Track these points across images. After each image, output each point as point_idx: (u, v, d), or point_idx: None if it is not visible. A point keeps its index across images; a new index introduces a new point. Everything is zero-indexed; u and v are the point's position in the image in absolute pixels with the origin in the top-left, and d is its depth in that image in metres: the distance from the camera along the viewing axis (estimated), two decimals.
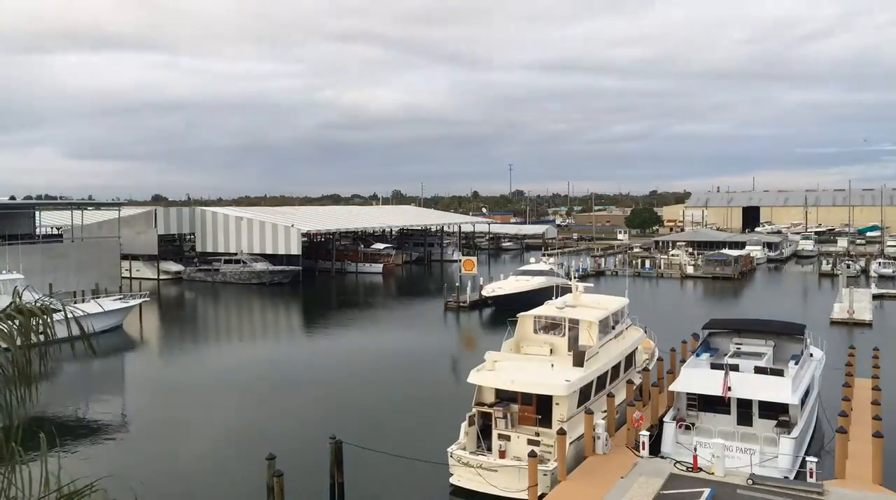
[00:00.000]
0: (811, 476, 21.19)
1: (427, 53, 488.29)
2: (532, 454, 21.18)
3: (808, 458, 21.93)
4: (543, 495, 21.03)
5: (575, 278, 38.31)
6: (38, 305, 6.24)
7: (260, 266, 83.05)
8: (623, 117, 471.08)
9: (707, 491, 20.61)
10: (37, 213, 76.18)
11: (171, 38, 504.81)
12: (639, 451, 23.73)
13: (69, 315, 6.43)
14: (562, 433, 22.24)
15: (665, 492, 20.78)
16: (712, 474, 21.91)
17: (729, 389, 23.82)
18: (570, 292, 32.64)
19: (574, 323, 28.52)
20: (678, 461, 22.74)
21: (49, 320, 6.30)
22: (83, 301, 51.79)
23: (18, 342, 6.06)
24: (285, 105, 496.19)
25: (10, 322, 6.19)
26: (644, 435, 23.80)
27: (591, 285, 36.48)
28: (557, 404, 23.76)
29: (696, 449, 22.67)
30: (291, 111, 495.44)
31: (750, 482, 21.24)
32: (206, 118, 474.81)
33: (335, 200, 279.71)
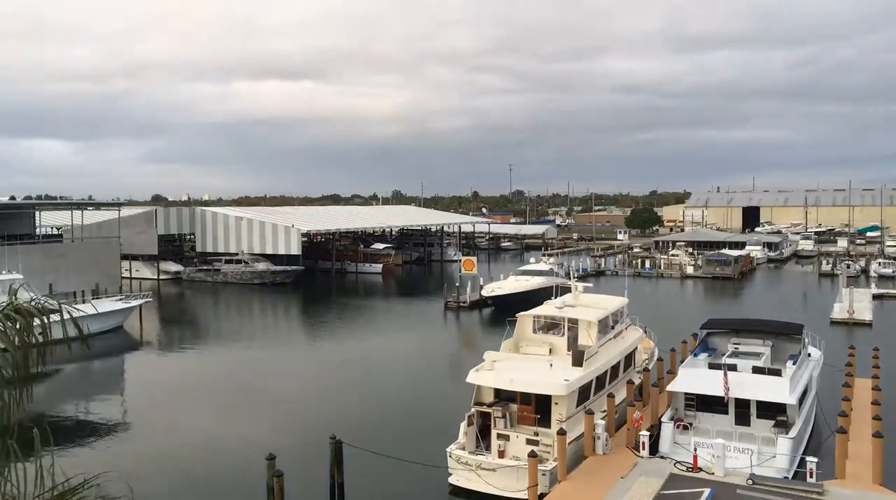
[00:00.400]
0: (811, 476, 21.19)
1: (526, 81, 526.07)
2: (532, 454, 21.18)
3: (808, 458, 21.92)
4: (543, 494, 21.03)
5: (574, 277, 38.32)
6: (34, 304, 6.24)
7: (262, 266, 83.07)
8: (656, 126, 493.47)
9: (707, 491, 20.61)
10: (37, 213, 76.14)
11: (327, 69, 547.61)
12: (639, 451, 23.74)
13: (65, 316, 6.43)
14: (562, 433, 22.25)
15: (665, 492, 20.78)
16: (712, 474, 21.91)
17: (728, 389, 23.83)
18: (570, 291, 32.64)
19: (573, 323, 28.52)
20: (678, 461, 22.75)
21: (47, 320, 6.30)
22: (83, 301, 51.75)
23: (17, 342, 6.05)
24: (367, 118, 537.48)
25: (7, 323, 6.18)
26: (644, 435, 23.79)
27: (591, 284, 36.47)
28: (556, 403, 23.76)
29: (695, 449, 22.69)
30: (369, 123, 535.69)
31: (750, 482, 21.24)
32: (296, 130, 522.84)
33: (335, 200, 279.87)
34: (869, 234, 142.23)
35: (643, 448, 23.61)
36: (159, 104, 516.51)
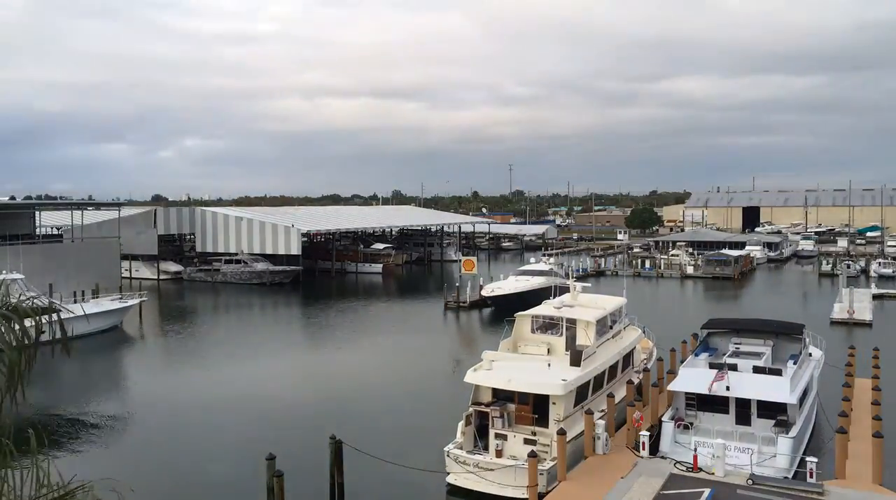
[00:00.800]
0: (811, 476, 21.17)
1: (594, 98, 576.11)
2: (532, 454, 21.17)
3: (808, 458, 21.92)
4: (541, 494, 21.03)
5: (572, 277, 38.31)
6: (25, 303, 6.21)
7: (260, 266, 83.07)
8: (688, 134, 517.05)
9: (707, 491, 20.59)
10: (37, 213, 76.05)
11: (424, 92, 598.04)
12: (639, 451, 23.72)
13: (59, 316, 6.39)
14: (562, 433, 22.24)
15: (665, 492, 20.77)
16: (712, 474, 21.89)
17: (714, 385, 23.89)
18: (568, 291, 32.63)
19: (571, 323, 28.50)
20: (678, 462, 22.73)
21: (46, 320, 6.27)
22: (74, 302, 51.72)
23: (13, 343, 6.02)
24: (429, 127, 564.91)
25: (4, 322, 6.15)
26: (644, 435, 23.78)
27: (589, 284, 36.45)
28: (554, 403, 23.75)
29: (696, 449, 22.67)
30: (428, 131, 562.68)
31: (750, 482, 21.22)
32: (359, 138, 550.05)
33: (335, 200, 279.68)
34: (869, 234, 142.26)
35: (643, 448, 23.59)
36: (251, 116, 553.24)
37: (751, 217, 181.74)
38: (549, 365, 25.60)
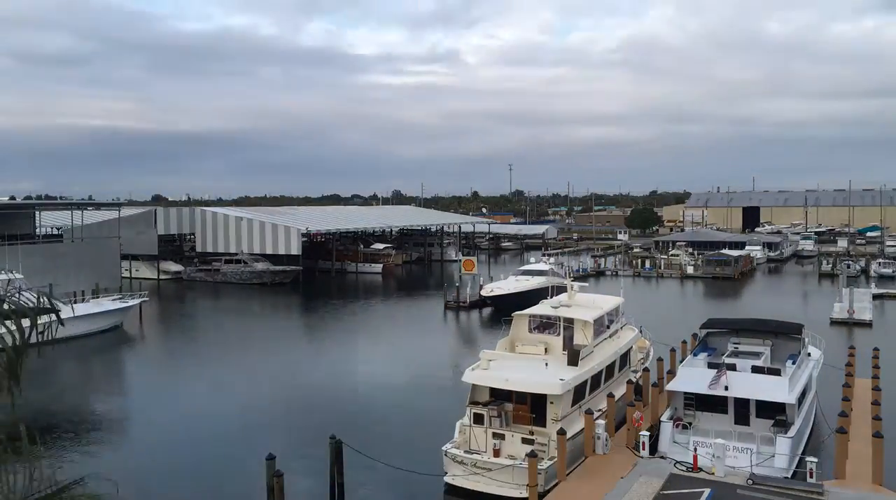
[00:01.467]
0: (811, 476, 21.18)
1: (668, 116, 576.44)
2: (532, 454, 21.18)
3: (807, 458, 21.92)
4: (541, 494, 21.03)
5: (569, 277, 38.31)
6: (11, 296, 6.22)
7: (261, 266, 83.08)
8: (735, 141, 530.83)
9: (707, 492, 20.60)
10: (37, 213, 76.05)
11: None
12: (639, 451, 23.73)
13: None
14: (562, 432, 22.26)
15: (665, 492, 20.78)
16: (712, 474, 21.90)
17: (715, 384, 23.90)
18: (566, 291, 32.65)
19: (569, 322, 28.49)
20: (678, 462, 22.74)
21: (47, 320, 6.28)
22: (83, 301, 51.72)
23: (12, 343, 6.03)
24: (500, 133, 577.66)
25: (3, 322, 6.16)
26: (644, 435, 23.80)
27: (586, 284, 36.45)
28: (552, 403, 23.76)
29: (695, 449, 22.68)
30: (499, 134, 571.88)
31: (750, 482, 21.23)
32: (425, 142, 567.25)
33: (335, 200, 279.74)
34: (869, 234, 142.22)
35: (643, 448, 23.61)
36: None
37: (751, 217, 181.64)
38: (546, 365, 25.61)
